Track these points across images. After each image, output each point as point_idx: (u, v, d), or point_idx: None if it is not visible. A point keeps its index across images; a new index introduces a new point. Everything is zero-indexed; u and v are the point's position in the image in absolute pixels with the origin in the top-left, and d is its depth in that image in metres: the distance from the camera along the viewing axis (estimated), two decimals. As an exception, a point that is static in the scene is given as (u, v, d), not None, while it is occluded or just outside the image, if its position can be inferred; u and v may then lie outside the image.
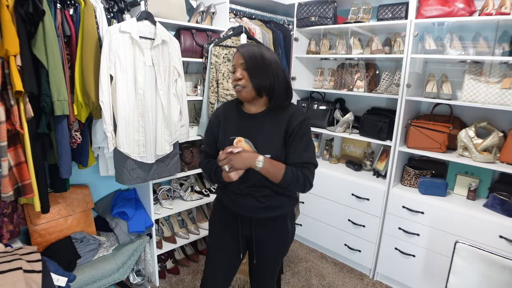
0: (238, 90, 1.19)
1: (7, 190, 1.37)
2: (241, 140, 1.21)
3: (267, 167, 1.14)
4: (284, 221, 1.31)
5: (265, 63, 1.16)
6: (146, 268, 2.16)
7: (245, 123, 1.25)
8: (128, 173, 1.77)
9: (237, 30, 2.13)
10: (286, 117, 1.20)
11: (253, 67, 1.16)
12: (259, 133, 1.21)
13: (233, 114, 1.29)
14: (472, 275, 1.35)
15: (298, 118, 1.19)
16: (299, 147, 1.18)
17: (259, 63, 1.16)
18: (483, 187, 1.99)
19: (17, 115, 1.36)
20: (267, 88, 1.18)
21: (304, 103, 2.62)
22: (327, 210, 2.45)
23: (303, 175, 1.17)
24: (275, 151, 1.19)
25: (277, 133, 1.19)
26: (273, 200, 1.24)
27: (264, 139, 1.20)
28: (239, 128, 1.24)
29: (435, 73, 2.07)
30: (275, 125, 1.20)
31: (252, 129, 1.22)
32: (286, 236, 1.34)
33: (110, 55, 1.57)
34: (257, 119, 1.23)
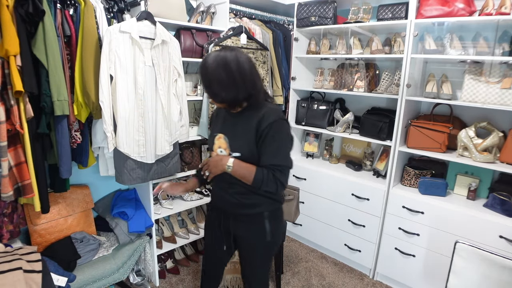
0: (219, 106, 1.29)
1: (7, 190, 1.37)
2: (221, 137, 1.27)
3: (236, 169, 1.19)
4: (260, 219, 1.33)
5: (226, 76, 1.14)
6: (146, 268, 2.16)
7: (227, 120, 1.31)
8: (128, 173, 1.77)
9: (237, 30, 2.13)
10: (257, 117, 1.20)
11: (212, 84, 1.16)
12: (232, 131, 1.26)
13: (222, 113, 1.36)
14: (472, 275, 1.35)
15: (269, 119, 1.18)
16: (270, 149, 1.19)
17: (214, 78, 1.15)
18: (483, 187, 1.99)
19: (17, 115, 1.36)
20: (233, 100, 1.19)
21: (304, 103, 2.62)
22: (327, 210, 2.45)
23: (274, 177, 1.18)
24: (245, 150, 1.22)
25: (247, 132, 1.21)
26: (247, 198, 1.29)
27: (236, 137, 1.25)
28: (222, 125, 1.32)
29: (435, 73, 2.07)
30: (246, 125, 1.23)
31: (229, 126, 1.29)
32: (263, 235, 1.34)
33: (110, 55, 1.57)
34: (234, 118, 1.28)
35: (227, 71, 1.13)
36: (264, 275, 1.48)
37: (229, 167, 1.19)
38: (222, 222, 1.39)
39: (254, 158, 1.22)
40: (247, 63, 1.17)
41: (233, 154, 1.23)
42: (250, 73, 1.17)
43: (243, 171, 1.19)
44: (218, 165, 1.21)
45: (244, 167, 1.20)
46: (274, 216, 1.36)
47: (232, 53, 1.15)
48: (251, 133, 1.20)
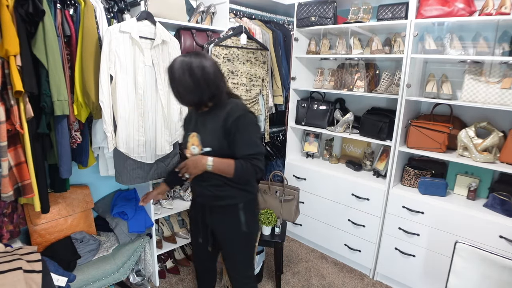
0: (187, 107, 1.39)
1: (7, 190, 1.37)
2: (194, 135, 1.35)
3: (217, 166, 1.28)
4: (235, 211, 1.40)
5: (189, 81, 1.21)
6: (146, 268, 2.16)
7: (197, 119, 1.39)
8: (128, 173, 1.77)
9: (237, 30, 2.13)
10: (224, 114, 1.29)
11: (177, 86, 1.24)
12: (202, 129, 1.35)
13: (194, 113, 1.44)
14: (472, 275, 1.35)
15: (235, 114, 1.27)
16: (242, 141, 1.28)
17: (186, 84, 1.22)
18: (483, 187, 1.99)
19: (17, 115, 1.36)
20: (198, 102, 1.28)
21: (304, 103, 2.62)
22: (327, 210, 2.45)
23: (252, 165, 1.28)
24: (215, 145, 1.31)
25: (216, 129, 1.31)
26: (221, 190, 1.37)
27: (206, 134, 1.33)
28: (195, 125, 1.40)
29: (435, 73, 2.07)
30: (214, 122, 1.32)
31: (199, 125, 1.37)
32: (238, 226, 1.41)
33: (110, 55, 1.57)
34: (203, 117, 1.37)
35: (192, 77, 1.21)
36: (245, 268, 1.53)
37: (209, 166, 1.27)
38: (202, 218, 1.48)
39: (224, 151, 1.30)
40: (211, 67, 1.24)
41: (204, 149, 1.32)
42: (214, 77, 1.25)
43: (223, 166, 1.28)
44: (198, 165, 1.28)
45: (223, 162, 1.28)
46: (249, 207, 1.43)
47: (197, 59, 1.22)
48: (219, 129, 1.29)
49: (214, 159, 1.28)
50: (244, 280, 1.53)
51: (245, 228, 1.42)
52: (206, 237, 1.51)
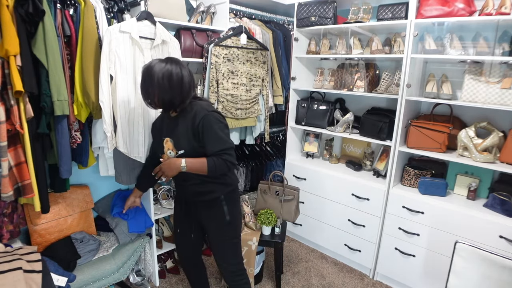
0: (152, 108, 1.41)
1: (7, 190, 1.37)
2: (168, 140, 1.45)
3: (190, 166, 1.37)
4: (218, 203, 1.51)
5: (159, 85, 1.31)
6: (146, 268, 2.16)
7: (168, 125, 1.48)
8: (128, 173, 1.78)
9: (237, 30, 2.13)
10: (190, 117, 1.39)
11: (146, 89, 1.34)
12: (174, 133, 1.43)
13: (163, 119, 1.53)
14: (472, 275, 1.35)
15: (200, 115, 1.37)
16: (210, 139, 1.37)
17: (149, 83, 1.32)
18: (483, 187, 1.99)
19: (17, 115, 1.35)
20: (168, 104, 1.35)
21: (304, 103, 2.62)
22: (327, 210, 2.45)
23: (223, 160, 1.37)
24: (187, 147, 1.40)
25: (185, 131, 1.40)
26: (202, 187, 1.48)
27: (177, 137, 1.42)
28: (165, 130, 1.47)
29: (435, 73, 2.07)
30: (183, 125, 1.41)
31: (170, 129, 1.45)
32: (222, 216, 1.53)
33: (110, 55, 1.57)
34: (173, 121, 1.45)
35: (170, 83, 1.31)
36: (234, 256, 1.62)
37: (183, 167, 1.37)
38: (185, 211, 1.61)
39: (196, 151, 1.39)
40: (187, 77, 1.36)
41: (179, 152, 1.41)
42: (188, 86, 1.36)
43: (196, 166, 1.38)
44: (172, 168, 1.38)
45: (195, 162, 1.37)
46: (230, 198, 1.54)
47: (177, 68, 1.33)
48: (189, 131, 1.39)
49: (187, 160, 1.37)
50: (233, 267, 1.62)
51: (228, 217, 1.54)
52: (190, 227, 1.63)
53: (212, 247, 1.63)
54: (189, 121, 1.39)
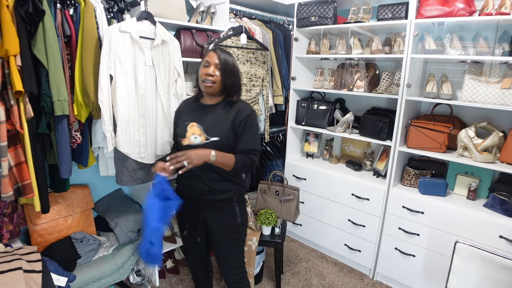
0: (208, 85, 1.38)
1: (7, 190, 1.38)
2: (194, 125, 1.40)
3: (219, 159, 1.33)
4: (231, 204, 1.48)
5: (234, 69, 1.41)
6: (146, 268, 2.16)
7: (200, 111, 1.46)
8: (128, 174, 1.77)
9: (237, 30, 2.13)
10: (235, 110, 1.42)
11: (226, 70, 1.38)
12: (209, 119, 1.42)
13: (191, 106, 1.51)
14: (472, 275, 1.35)
15: (246, 112, 1.41)
16: (247, 137, 1.40)
17: (230, 68, 1.40)
18: (483, 187, 1.99)
19: (17, 115, 1.36)
20: (229, 87, 1.41)
21: (304, 103, 2.62)
22: (327, 210, 2.45)
23: (250, 160, 1.39)
24: (222, 135, 1.38)
25: (225, 120, 1.40)
26: (218, 184, 1.43)
27: (213, 124, 1.40)
28: (194, 115, 1.45)
29: (435, 73, 2.07)
30: (224, 115, 1.41)
31: (204, 115, 1.44)
32: (234, 218, 1.49)
33: (110, 54, 1.57)
34: (210, 108, 1.45)
35: (235, 68, 1.42)
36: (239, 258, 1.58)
37: (213, 157, 1.32)
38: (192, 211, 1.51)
39: (228, 142, 1.39)
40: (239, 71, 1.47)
41: (212, 139, 1.37)
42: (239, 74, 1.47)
43: (225, 159, 1.35)
44: (201, 155, 1.30)
45: (225, 155, 1.35)
46: (241, 200, 1.53)
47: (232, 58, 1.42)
48: (228, 122, 1.39)
49: (217, 151, 1.33)
50: (237, 270, 1.58)
51: (239, 220, 1.50)
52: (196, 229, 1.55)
53: (217, 249, 1.56)
54: (232, 113, 1.40)
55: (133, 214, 2.03)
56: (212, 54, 1.39)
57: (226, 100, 1.44)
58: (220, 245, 1.54)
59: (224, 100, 1.45)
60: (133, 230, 1.96)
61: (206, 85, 1.38)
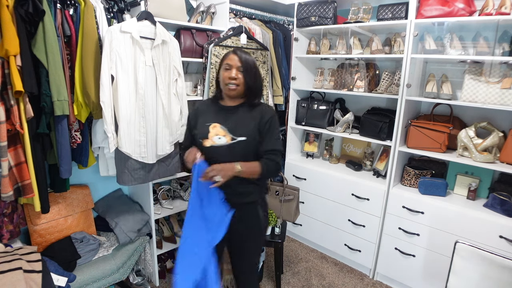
0: (232, 88, 1.38)
1: (7, 190, 1.37)
2: (217, 126, 1.39)
3: (244, 170, 1.33)
4: (255, 207, 1.46)
5: (255, 70, 1.41)
6: (146, 268, 2.16)
7: (222, 113, 1.44)
8: (129, 174, 1.77)
9: (237, 30, 2.13)
10: (259, 111, 1.42)
11: (248, 71, 1.38)
12: (235, 119, 1.40)
13: (210, 108, 1.48)
14: (472, 275, 1.35)
15: (270, 113, 1.42)
16: (271, 137, 1.40)
17: (252, 69, 1.39)
18: (483, 187, 1.99)
19: (17, 115, 1.36)
20: (252, 88, 1.40)
21: (304, 103, 2.62)
22: (327, 210, 2.45)
23: (273, 162, 1.39)
24: (249, 135, 1.36)
25: (251, 120, 1.39)
26: (242, 186, 1.40)
27: (240, 124, 1.39)
28: (216, 117, 1.43)
29: (435, 73, 2.07)
30: (250, 115, 1.41)
31: (228, 116, 1.42)
32: (258, 222, 1.47)
33: (111, 55, 1.57)
34: (233, 110, 1.43)
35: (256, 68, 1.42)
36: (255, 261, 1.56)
37: (238, 169, 1.31)
38: None
39: (255, 142, 1.38)
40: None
41: (239, 138, 1.35)
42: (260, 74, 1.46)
43: (250, 169, 1.34)
44: (228, 171, 1.29)
45: (249, 165, 1.34)
46: (264, 203, 1.51)
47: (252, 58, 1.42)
48: (254, 123, 1.38)
49: (241, 163, 1.33)
50: (253, 274, 1.57)
51: (263, 225, 1.49)
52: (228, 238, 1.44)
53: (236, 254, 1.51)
54: (257, 114, 1.40)
55: (133, 214, 2.02)
56: (233, 56, 1.37)
57: (248, 102, 1.44)
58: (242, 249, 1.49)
59: (246, 101, 1.44)
60: (133, 230, 1.95)
61: (230, 88, 1.37)
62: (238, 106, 1.44)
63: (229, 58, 1.38)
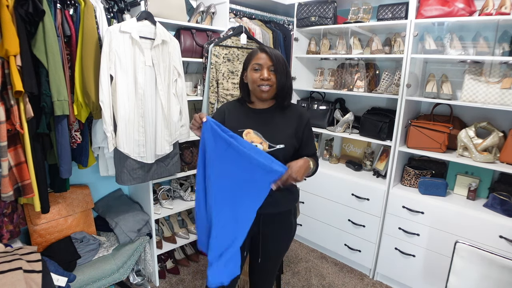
0: (265, 90, 1.25)
1: (7, 190, 1.37)
2: (250, 132, 1.28)
3: (313, 168, 1.28)
4: (289, 216, 1.38)
5: (286, 67, 1.29)
6: (146, 268, 2.16)
7: (254, 117, 1.32)
8: (128, 173, 1.77)
9: (237, 30, 2.13)
10: (296, 114, 1.32)
11: (280, 70, 1.25)
12: (270, 125, 1.29)
13: (238, 110, 1.36)
14: (472, 275, 1.35)
15: (305, 116, 1.34)
16: (311, 141, 1.35)
17: (283, 66, 1.26)
18: (483, 187, 1.99)
19: (17, 115, 1.36)
20: (284, 88, 1.28)
21: (304, 103, 2.62)
22: (327, 210, 2.45)
23: (316, 163, 1.33)
24: (287, 142, 1.27)
25: (288, 127, 1.29)
26: (279, 195, 1.24)
27: (276, 131, 1.28)
28: (247, 122, 1.31)
29: (435, 73, 2.07)
30: (285, 120, 1.31)
31: (262, 122, 1.30)
32: (290, 232, 1.40)
33: (110, 55, 1.57)
34: (266, 114, 1.32)
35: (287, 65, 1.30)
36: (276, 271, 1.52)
37: (311, 167, 1.25)
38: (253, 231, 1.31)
39: (293, 149, 1.29)
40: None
41: (278, 146, 1.25)
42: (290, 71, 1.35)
43: (313, 167, 1.29)
44: (302, 167, 1.16)
45: (307, 161, 1.22)
46: (295, 213, 1.44)
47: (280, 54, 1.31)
48: (291, 128, 1.29)
49: (306, 159, 1.22)
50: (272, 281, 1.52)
51: (293, 234, 1.43)
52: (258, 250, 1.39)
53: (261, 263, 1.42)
54: (293, 118, 1.30)
55: (133, 214, 2.02)
56: (262, 55, 1.24)
57: (279, 102, 1.32)
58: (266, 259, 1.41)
59: (277, 103, 1.32)
60: (133, 230, 1.95)
61: (263, 90, 1.24)
62: (270, 109, 1.33)
63: (258, 57, 1.24)
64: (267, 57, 1.24)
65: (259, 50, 1.26)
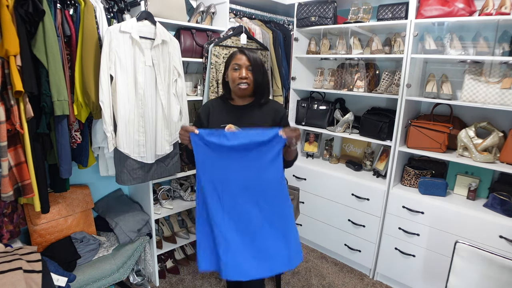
0: (244, 88, 1.39)
1: (7, 190, 1.37)
2: (232, 127, 1.39)
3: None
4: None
5: (263, 67, 1.43)
6: (146, 268, 2.16)
7: (235, 113, 1.46)
8: (128, 173, 1.77)
9: (237, 30, 2.13)
10: (273, 109, 1.46)
11: (256, 70, 1.39)
12: (249, 120, 1.42)
13: (221, 107, 1.50)
14: (472, 275, 1.35)
15: (282, 110, 1.49)
16: None
17: (260, 67, 1.41)
18: (483, 187, 1.99)
19: (17, 115, 1.36)
20: (262, 86, 1.43)
21: (304, 103, 2.62)
22: (327, 210, 2.45)
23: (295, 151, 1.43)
24: None
25: (266, 121, 1.43)
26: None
27: (253, 124, 1.39)
28: (229, 117, 1.44)
29: (435, 73, 2.07)
30: (263, 115, 1.44)
31: (242, 117, 1.44)
32: None
33: (110, 55, 1.57)
34: (245, 109, 1.46)
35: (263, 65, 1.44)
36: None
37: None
38: None
39: None
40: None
41: None
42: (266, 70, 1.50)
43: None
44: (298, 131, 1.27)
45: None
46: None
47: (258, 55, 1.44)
48: (268, 121, 1.43)
49: None
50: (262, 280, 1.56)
51: None
52: None
53: None
54: (270, 113, 1.45)
55: (133, 214, 2.02)
56: (240, 56, 1.39)
57: (257, 99, 1.46)
58: None
59: (256, 99, 1.46)
60: (133, 230, 1.96)
61: (241, 88, 1.39)
62: (249, 105, 1.46)
63: (237, 58, 1.38)
64: (246, 58, 1.38)
65: (238, 52, 1.40)
